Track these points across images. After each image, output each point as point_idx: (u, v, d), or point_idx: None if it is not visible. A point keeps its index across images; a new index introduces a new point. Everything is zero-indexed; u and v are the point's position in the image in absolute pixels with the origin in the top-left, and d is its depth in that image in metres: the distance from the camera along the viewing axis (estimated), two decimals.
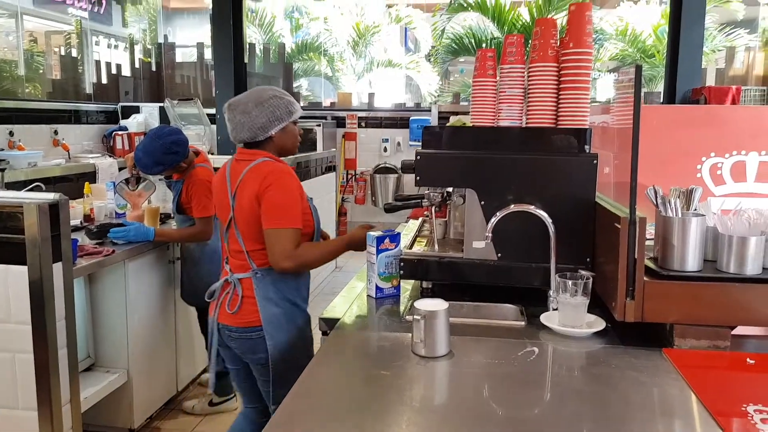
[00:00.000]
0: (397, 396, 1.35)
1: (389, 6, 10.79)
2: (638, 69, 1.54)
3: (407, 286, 2.14)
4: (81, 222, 3.19)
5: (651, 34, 9.11)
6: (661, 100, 5.35)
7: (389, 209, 2.31)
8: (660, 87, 7.32)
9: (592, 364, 1.55)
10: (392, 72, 10.74)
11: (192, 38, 7.49)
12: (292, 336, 2.05)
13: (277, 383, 2.04)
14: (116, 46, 6.35)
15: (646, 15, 9.58)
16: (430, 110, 6.78)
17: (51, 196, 1.99)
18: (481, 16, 9.06)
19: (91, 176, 4.17)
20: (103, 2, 5.90)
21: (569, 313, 1.68)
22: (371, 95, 7.57)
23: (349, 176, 7.25)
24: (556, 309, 1.74)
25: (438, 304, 1.53)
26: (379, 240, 2.00)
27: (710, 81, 6.41)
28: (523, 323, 1.78)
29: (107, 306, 2.86)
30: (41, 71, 5.64)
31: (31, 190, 3.20)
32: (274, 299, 2.01)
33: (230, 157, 2.14)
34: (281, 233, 1.92)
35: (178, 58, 6.85)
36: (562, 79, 2.01)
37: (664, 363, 1.49)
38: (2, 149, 3.93)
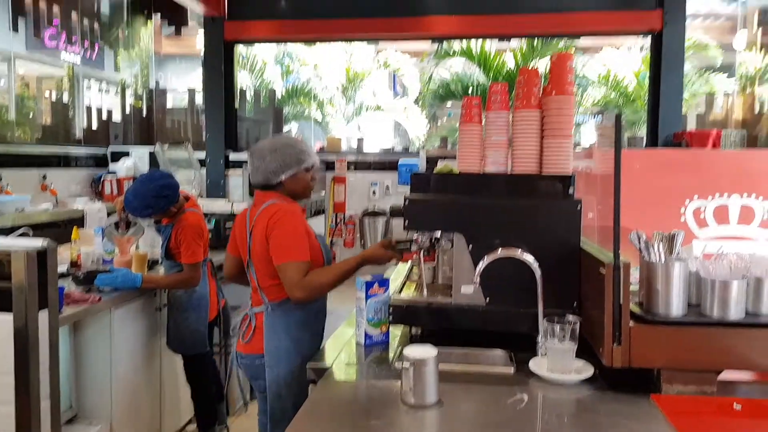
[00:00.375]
0: None
1: (378, 52, 11.05)
2: (618, 118, 1.59)
3: (396, 331, 2.14)
4: (67, 268, 3.16)
5: (633, 80, 9.37)
6: (644, 144, 5.46)
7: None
8: (643, 131, 7.49)
9: (581, 411, 1.55)
10: (381, 116, 10.92)
11: (183, 83, 7.59)
12: (291, 373, 2.12)
13: (272, 418, 2.13)
14: (107, 91, 6.42)
15: (627, 61, 9.87)
16: (418, 154, 6.88)
17: (39, 243, 1.98)
18: (467, 63, 9.29)
19: (79, 221, 4.14)
20: (96, 47, 5.99)
21: (557, 359, 1.69)
22: (360, 139, 7.67)
23: (338, 219, 7.26)
24: (545, 355, 1.74)
25: (427, 351, 1.53)
26: (368, 285, 2.00)
27: (691, 125, 6.56)
28: (512, 370, 1.78)
29: (91, 355, 2.81)
30: (31, 116, 5.68)
31: (18, 236, 3.18)
32: (278, 332, 2.15)
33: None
34: (289, 267, 2.06)
35: (169, 103, 6.91)
36: (545, 126, 2.06)
37: (653, 409, 1.49)
38: None
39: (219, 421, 3.29)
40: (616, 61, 9.97)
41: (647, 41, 5.85)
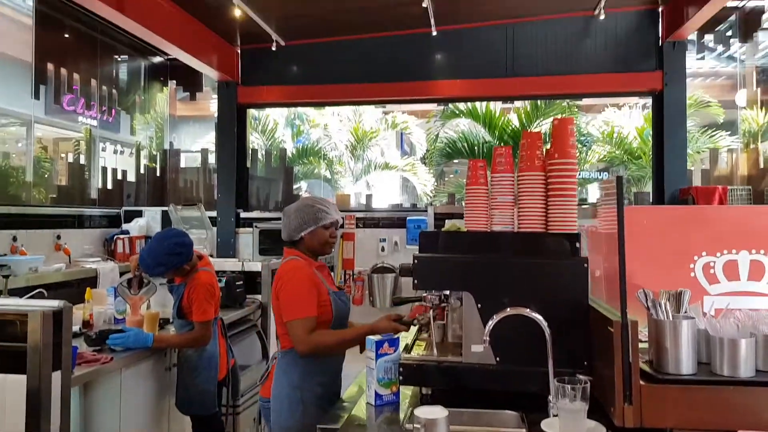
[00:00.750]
0: None
1: (386, 113, 11.34)
2: (619, 180, 1.64)
3: (407, 391, 2.13)
4: (80, 328, 3.18)
5: (636, 137, 9.51)
6: (651, 201, 5.51)
7: (398, 303, 2.45)
8: (649, 187, 7.54)
9: None
10: (389, 174, 11.10)
11: (196, 144, 7.79)
12: (291, 418, 2.23)
13: None
14: (122, 152, 6.59)
15: (630, 119, 10.05)
16: (426, 210, 6.95)
17: (55, 304, 2.01)
18: (472, 122, 9.49)
19: (92, 281, 4.19)
20: (113, 111, 6.20)
21: (569, 420, 1.67)
22: (369, 196, 7.78)
23: (347, 276, 7.27)
24: (557, 415, 1.73)
25: (438, 412, 1.53)
26: (378, 345, 2.01)
27: (696, 181, 6.62)
28: (524, 431, 1.76)
29: (101, 415, 2.79)
30: (47, 177, 5.82)
31: (33, 296, 3.22)
32: (282, 379, 2.31)
33: None
34: (294, 324, 2.22)
35: (182, 163, 7.07)
36: (549, 186, 2.11)
37: None
38: (5, 254, 3.98)
39: None
40: (619, 119, 10.15)
41: (649, 99, 5.99)
